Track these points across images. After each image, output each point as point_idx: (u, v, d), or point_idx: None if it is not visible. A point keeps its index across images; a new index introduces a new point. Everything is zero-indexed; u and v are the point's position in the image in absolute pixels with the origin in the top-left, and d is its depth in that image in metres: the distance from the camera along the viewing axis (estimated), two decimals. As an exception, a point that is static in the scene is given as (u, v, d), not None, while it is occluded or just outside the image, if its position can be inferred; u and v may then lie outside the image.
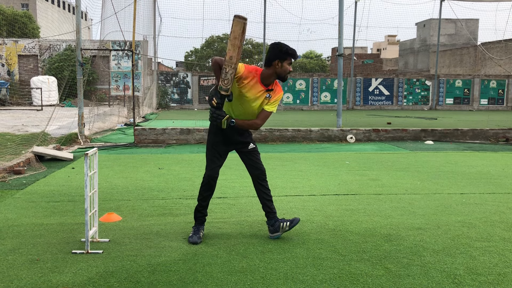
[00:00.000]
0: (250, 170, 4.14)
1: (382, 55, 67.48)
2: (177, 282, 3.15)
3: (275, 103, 4.01)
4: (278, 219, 4.10)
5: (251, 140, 4.14)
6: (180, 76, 31.09)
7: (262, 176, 4.13)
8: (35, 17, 46.61)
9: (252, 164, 4.11)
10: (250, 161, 4.12)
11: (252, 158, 4.11)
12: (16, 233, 4.17)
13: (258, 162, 4.13)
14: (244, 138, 4.09)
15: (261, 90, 3.92)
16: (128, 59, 29.48)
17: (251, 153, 4.12)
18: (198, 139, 11.39)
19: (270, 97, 3.96)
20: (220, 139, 4.06)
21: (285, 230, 4.05)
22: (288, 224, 4.04)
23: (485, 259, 3.62)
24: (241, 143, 4.09)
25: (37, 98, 25.79)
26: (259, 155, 4.18)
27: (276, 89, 3.99)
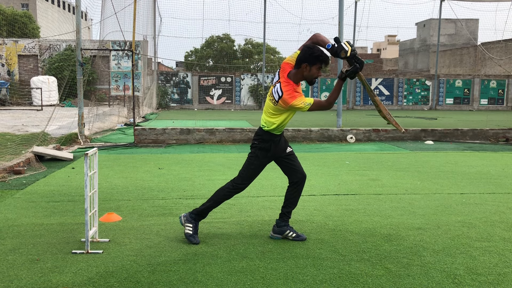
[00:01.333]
0: (292, 173, 4.07)
1: (382, 55, 67.48)
2: (177, 282, 3.15)
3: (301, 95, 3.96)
4: (288, 225, 4.09)
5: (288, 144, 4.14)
6: (180, 76, 31.09)
7: (303, 181, 4.08)
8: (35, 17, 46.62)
9: (295, 166, 4.06)
10: (292, 164, 4.06)
11: (294, 160, 4.08)
12: (16, 233, 4.17)
13: (299, 165, 4.09)
14: (286, 144, 4.08)
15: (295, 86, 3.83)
16: (128, 59, 29.48)
17: (292, 156, 4.08)
18: (198, 139, 11.39)
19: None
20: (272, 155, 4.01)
21: (287, 237, 4.06)
22: (293, 235, 4.04)
23: (485, 259, 3.62)
24: (283, 150, 4.06)
25: (37, 98, 25.79)
26: (297, 158, 4.15)
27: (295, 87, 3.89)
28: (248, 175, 4.03)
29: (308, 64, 3.77)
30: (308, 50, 3.78)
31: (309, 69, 3.78)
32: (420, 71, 41.80)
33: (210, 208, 4.07)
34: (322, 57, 3.77)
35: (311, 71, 3.79)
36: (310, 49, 3.79)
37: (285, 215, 4.09)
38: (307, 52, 3.78)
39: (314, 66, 3.77)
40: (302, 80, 3.86)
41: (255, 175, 4.05)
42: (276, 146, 3.99)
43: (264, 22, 29.09)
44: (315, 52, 3.76)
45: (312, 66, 3.77)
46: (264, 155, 4.00)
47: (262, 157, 4.00)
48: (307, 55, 3.77)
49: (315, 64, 3.77)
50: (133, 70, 12.38)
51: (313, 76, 3.81)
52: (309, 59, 3.76)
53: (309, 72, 3.79)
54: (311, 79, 3.83)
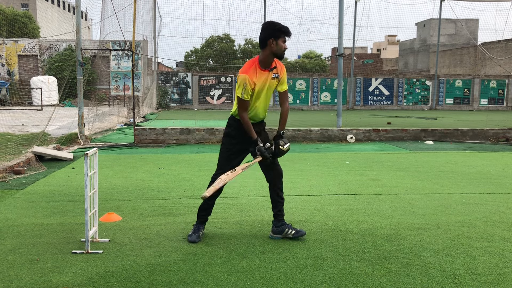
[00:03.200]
0: (267, 171, 4.09)
1: (382, 55, 67.49)
2: (177, 282, 3.15)
3: (285, 80, 4.05)
4: (286, 223, 4.09)
5: (268, 140, 4.11)
6: (180, 76, 31.09)
7: (279, 177, 4.09)
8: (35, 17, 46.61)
9: (269, 165, 4.06)
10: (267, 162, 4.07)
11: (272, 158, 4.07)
12: (16, 233, 4.17)
13: (276, 162, 4.09)
14: (262, 139, 4.06)
15: (265, 74, 3.91)
16: (128, 59, 29.48)
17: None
18: (198, 139, 11.39)
19: (277, 75, 3.97)
20: (240, 143, 4.02)
21: (287, 236, 4.05)
22: (293, 232, 4.03)
23: (485, 259, 3.62)
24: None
25: (37, 98, 25.79)
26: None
27: (279, 66, 4.00)
28: (219, 163, 4.08)
29: (274, 39, 3.84)
30: (269, 25, 3.88)
31: (275, 43, 3.84)
32: (420, 71, 41.80)
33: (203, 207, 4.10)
34: (284, 28, 3.88)
35: (278, 45, 3.85)
36: (270, 24, 3.90)
37: (278, 215, 4.09)
38: (269, 28, 3.86)
39: (280, 39, 3.85)
40: (272, 57, 3.90)
41: (226, 163, 4.04)
42: (241, 132, 3.97)
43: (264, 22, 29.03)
44: (276, 25, 3.87)
45: (278, 40, 3.85)
46: (229, 141, 4.05)
47: (228, 143, 4.05)
48: (270, 30, 3.85)
49: (280, 37, 3.85)
50: (133, 70, 12.38)
51: (281, 49, 3.88)
52: (273, 33, 3.84)
53: (276, 46, 3.85)
54: (281, 53, 3.89)
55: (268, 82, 3.94)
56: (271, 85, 3.97)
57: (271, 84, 3.96)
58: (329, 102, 31.87)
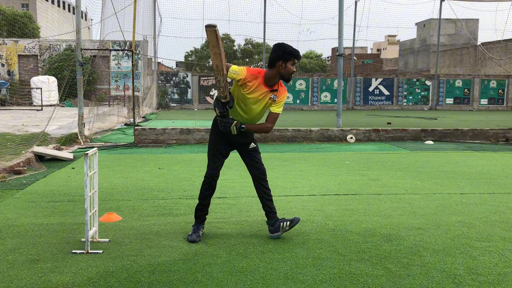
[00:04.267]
0: (251, 170, 4.15)
1: (382, 55, 67.46)
2: (177, 282, 3.15)
3: (281, 103, 3.99)
4: (278, 219, 4.10)
5: (252, 139, 4.14)
6: (180, 76, 31.09)
7: (262, 176, 4.13)
8: (35, 17, 46.61)
9: (252, 163, 4.12)
10: (250, 161, 4.12)
11: (252, 158, 4.11)
12: (16, 233, 4.17)
13: (259, 161, 4.13)
14: (245, 138, 4.08)
15: (265, 91, 3.91)
16: (128, 59, 29.47)
17: (252, 153, 4.12)
18: (198, 139, 11.39)
19: (275, 97, 3.94)
20: (221, 139, 4.06)
21: (285, 229, 4.05)
22: (288, 223, 4.04)
23: (485, 259, 3.62)
24: (242, 144, 4.09)
25: (37, 98, 25.78)
26: (260, 155, 4.18)
27: (281, 90, 3.98)
28: (209, 162, 4.10)
29: (283, 61, 3.83)
30: (280, 47, 3.86)
31: (284, 66, 3.84)
32: (420, 71, 41.80)
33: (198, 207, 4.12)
34: (294, 51, 3.86)
35: (287, 68, 3.85)
36: (281, 46, 3.88)
37: (269, 212, 4.11)
38: (280, 50, 3.85)
39: (289, 62, 3.85)
40: (277, 79, 3.90)
41: (215, 160, 4.07)
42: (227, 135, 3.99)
43: (264, 22, 29.09)
44: (287, 48, 3.85)
45: (287, 63, 3.84)
46: (215, 138, 4.07)
47: (214, 141, 4.07)
48: (280, 52, 3.84)
49: (289, 60, 3.84)
50: (133, 70, 12.38)
51: (289, 72, 3.87)
52: (283, 55, 3.83)
53: (285, 69, 3.85)
54: (288, 76, 3.89)
55: (264, 99, 3.92)
56: (266, 104, 3.95)
57: (266, 103, 3.94)
58: (329, 102, 31.87)
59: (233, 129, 3.85)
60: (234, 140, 4.06)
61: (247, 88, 3.87)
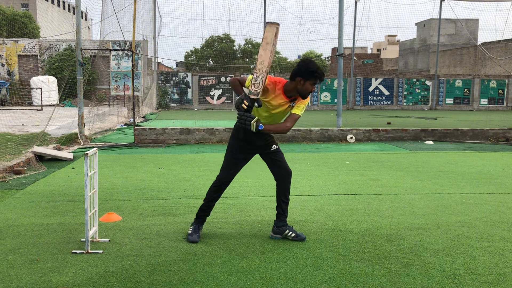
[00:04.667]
0: (276, 171, 4.06)
1: (382, 55, 67.45)
2: (177, 282, 3.15)
3: (301, 106, 3.92)
4: (287, 224, 4.09)
5: (273, 141, 4.10)
6: (180, 76, 31.10)
7: (289, 178, 4.06)
8: (35, 17, 46.62)
9: (278, 164, 4.04)
10: (276, 162, 4.05)
11: (277, 159, 4.06)
12: (16, 233, 4.17)
13: (284, 162, 4.07)
14: (267, 140, 4.05)
15: (285, 101, 3.87)
16: (128, 59, 29.48)
17: (276, 154, 4.06)
18: (198, 139, 11.39)
19: (293, 104, 3.91)
20: (243, 144, 4.01)
21: (287, 237, 4.06)
22: (292, 235, 4.03)
23: (485, 259, 3.62)
24: (264, 146, 4.04)
25: (37, 98, 25.79)
26: (283, 156, 4.13)
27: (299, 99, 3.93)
28: (223, 166, 4.06)
29: (303, 79, 3.77)
30: (304, 65, 3.79)
31: (303, 83, 3.78)
32: (420, 71, 41.80)
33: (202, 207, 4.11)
34: (317, 73, 3.77)
35: (305, 86, 3.79)
36: (306, 63, 3.80)
37: (281, 214, 4.08)
38: (303, 66, 3.78)
39: (308, 81, 3.78)
40: (294, 93, 3.85)
41: (229, 165, 4.03)
42: (248, 135, 3.93)
43: (264, 22, 29.08)
44: (310, 68, 3.77)
45: (306, 81, 3.77)
46: (231, 142, 4.03)
47: (231, 145, 4.04)
48: (303, 69, 3.77)
49: (309, 79, 3.77)
50: (133, 70, 12.39)
51: (306, 90, 3.81)
52: (304, 74, 3.76)
53: (303, 87, 3.79)
54: (304, 94, 3.83)
55: (283, 108, 3.91)
56: (286, 111, 3.94)
57: (283, 108, 3.92)
58: (329, 102, 31.88)
59: (253, 125, 3.73)
60: (256, 143, 4.00)
61: (266, 94, 3.84)
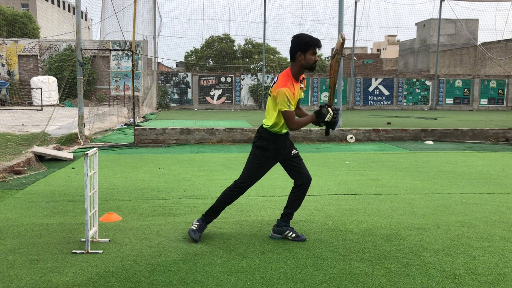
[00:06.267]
0: (298, 174, 4.05)
1: (382, 55, 67.45)
2: (177, 282, 3.15)
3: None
4: (289, 225, 4.09)
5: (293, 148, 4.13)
6: (180, 76, 31.09)
7: (308, 184, 4.06)
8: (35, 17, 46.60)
9: (299, 170, 4.04)
10: (297, 167, 4.04)
11: (299, 163, 4.06)
12: (16, 233, 4.17)
13: (305, 168, 4.08)
14: (292, 146, 4.08)
15: (297, 87, 3.92)
16: (128, 59, 29.48)
17: (297, 158, 4.07)
18: (198, 139, 11.39)
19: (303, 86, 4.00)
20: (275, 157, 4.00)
21: (287, 238, 4.06)
22: (293, 235, 4.03)
23: (485, 259, 3.62)
24: (289, 151, 4.06)
25: (37, 98, 25.78)
26: (302, 161, 4.13)
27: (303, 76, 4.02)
28: (247, 174, 4.02)
29: (302, 53, 3.80)
30: (296, 40, 3.83)
31: (303, 57, 3.81)
32: (420, 71, 41.80)
33: (214, 208, 4.08)
34: (312, 41, 3.81)
35: (306, 58, 3.81)
36: (297, 38, 3.84)
37: (286, 216, 4.08)
38: (296, 41, 3.82)
39: (308, 52, 3.80)
40: (302, 70, 3.88)
41: (255, 174, 4.03)
42: (276, 146, 3.95)
43: (264, 22, 29.11)
44: (303, 39, 3.81)
45: (305, 53, 3.80)
46: (261, 153, 3.98)
47: (260, 156, 3.98)
48: (297, 44, 3.81)
49: (308, 50, 3.79)
50: (133, 70, 12.39)
51: (309, 62, 3.83)
52: (300, 47, 3.80)
53: (305, 60, 3.81)
54: (310, 66, 3.85)
55: (299, 93, 3.95)
56: (300, 96, 3.98)
57: (300, 95, 3.97)
58: (329, 102, 31.81)
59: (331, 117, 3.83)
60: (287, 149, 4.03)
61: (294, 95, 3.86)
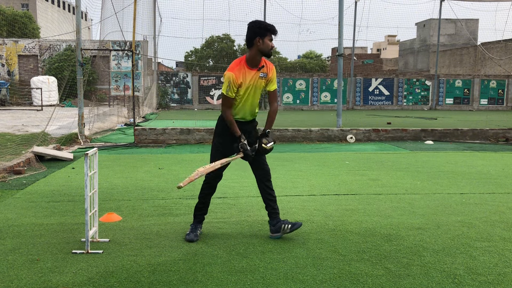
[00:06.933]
0: (255, 171, 4.14)
1: (382, 55, 67.43)
2: (177, 282, 3.15)
3: (274, 79, 4.07)
4: (281, 220, 4.10)
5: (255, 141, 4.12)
6: (180, 76, 31.09)
7: (266, 176, 4.11)
8: (35, 17, 46.60)
9: (257, 164, 4.10)
10: (255, 161, 4.10)
11: (257, 158, 4.09)
12: (16, 233, 4.17)
13: (263, 162, 4.12)
14: (250, 139, 4.08)
15: (253, 73, 3.94)
16: (128, 59, 29.48)
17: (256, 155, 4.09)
18: (198, 139, 11.39)
19: (265, 75, 3.99)
20: (227, 140, 4.05)
21: (285, 232, 4.05)
22: (289, 226, 4.03)
23: (485, 259, 3.62)
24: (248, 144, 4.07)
25: (37, 98, 25.78)
26: (264, 155, 4.17)
27: (268, 65, 4.02)
28: (211, 161, 4.09)
29: (260, 37, 3.86)
30: (254, 24, 3.90)
31: (262, 42, 3.86)
32: (420, 71, 41.79)
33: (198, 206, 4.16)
34: (269, 26, 3.90)
35: (265, 43, 3.87)
36: (255, 23, 3.91)
37: (272, 213, 4.11)
38: (254, 27, 3.89)
39: (266, 37, 3.87)
40: (259, 56, 3.92)
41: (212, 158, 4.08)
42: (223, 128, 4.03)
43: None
44: (262, 24, 3.90)
45: (264, 38, 3.86)
46: (218, 137, 4.08)
47: (218, 140, 4.08)
48: (256, 29, 3.87)
49: (266, 35, 3.87)
50: (133, 70, 12.39)
51: (268, 47, 3.89)
52: (259, 31, 3.86)
53: (263, 45, 3.87)
54: (268, 51, 3.91)
55: (256, 82, 3.96)
56: (258, 85, 3.99)
57: (258, 84, 3.98)
58: (329, 102, 31.87)
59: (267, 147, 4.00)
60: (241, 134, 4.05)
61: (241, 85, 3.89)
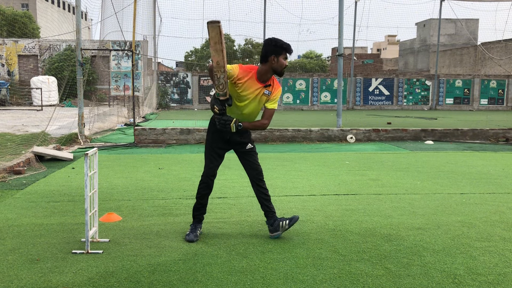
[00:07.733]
0: (248, 171, 4.15)
1: (382, 55, 67.44)
2: (177, 282, 3.15)
3: (275, 99, 4.03)
4: (277, 218, 4.10)
5: (249, 140, 4.14)
6: (180, 76, 31.09)
7: (259, 176, 4.12)
8: (35, 17, 46.59)
9: (249, 164, 4.12)
10: (247, 162, 4.12)
11: (249, 158, 4.11)
12: (16, 233, 4.17)
13: (255, 162, 4.13)
14: (242, 138, 4.09)
15: (258, 87, 3.93)
16: (128, 59, 29.47)
17: (249, 153, 4.11)
18: (198, 139, 11.39)
19: (269, 93, 3.98)
20: (219, 138, 4.07)
21: (285, 228, 4.04)
22: (287, 222, 4.03)
23: (485, 259, 3.62)
24: (239, 143, 4.10)
25: (37, 98, 25.78)
26: (257, 156, 4.18)
27: (274, 85, 4.02)
28: (207, 161, 4.10)
29: (275, 55, 3.87)
30: (271, 42, 3.91)
31: (276, 60, 3.88)
32: (420, 71, 41.79)
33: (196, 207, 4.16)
34: (285, 45, 3.91)
35: (279, 62, 3.89)
36: (272, 40, 3.92)
37: (268, 212, 4.11)
38: (271, 44, 3.90)
39: (281, 56, 3.89)
40: (270, 73, 3.94)
41: (212, 159, 4.08)
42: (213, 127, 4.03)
43: (264, 22, 29.09)
44: (278, 42, 3.90)
45: (279, 57, 3.88)
46: (210, 135, 4.09)
47: (210, 138, 4.09)
48: (272, 46, 3.88)
49: (281, 54, 3.89)
50: (133, 70, 12.39)
51: (282, 66, 3.91)
52: (275, 50, 3.87)
53: (277, 63, 3.89)
54: (281, 70, 3.93)
55: (258, 96, 3.95)
56: (260, 100, 3.98)
57: (261, 99, 3.98)
58: (329, 102, 31.87)
59: (232, 126, 3.86)
60: (233, 139, 4.06)
61: (239, 85, 3.90)
